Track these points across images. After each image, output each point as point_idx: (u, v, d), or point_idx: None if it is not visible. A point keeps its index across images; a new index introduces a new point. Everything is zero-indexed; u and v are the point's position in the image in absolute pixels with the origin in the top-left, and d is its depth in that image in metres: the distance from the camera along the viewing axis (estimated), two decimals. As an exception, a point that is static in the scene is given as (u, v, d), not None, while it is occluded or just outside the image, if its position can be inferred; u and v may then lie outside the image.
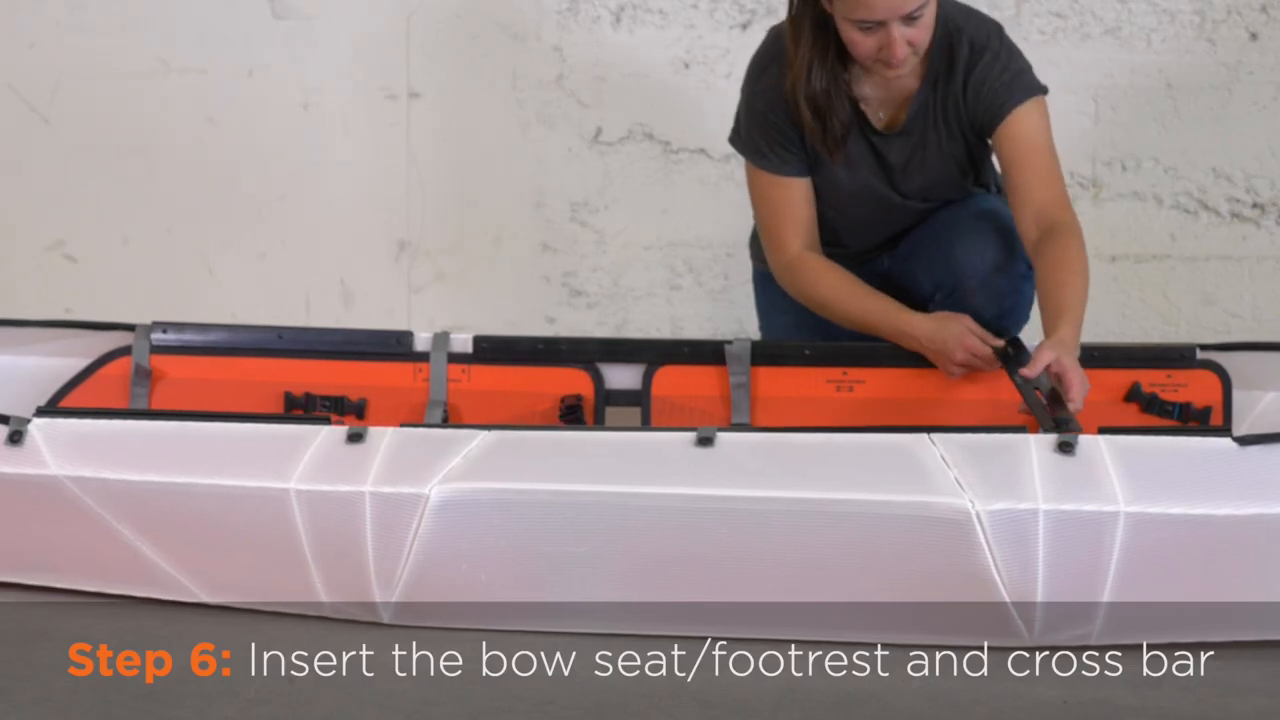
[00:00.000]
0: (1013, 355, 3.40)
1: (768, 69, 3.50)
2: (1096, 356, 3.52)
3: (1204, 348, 3.54)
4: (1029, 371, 3.17)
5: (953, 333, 3.42)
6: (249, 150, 4.71)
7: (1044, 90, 3.47)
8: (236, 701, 2.75)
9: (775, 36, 3.53)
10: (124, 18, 4.69)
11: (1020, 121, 3.42)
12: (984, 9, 4.45)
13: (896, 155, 3.50)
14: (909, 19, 3.29)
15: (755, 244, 3.77)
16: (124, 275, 4.75)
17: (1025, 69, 3.46)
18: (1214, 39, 4.50)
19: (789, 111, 3.48)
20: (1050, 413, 3.13)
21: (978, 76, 3.42)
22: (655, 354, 3.63)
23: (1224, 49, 4.50)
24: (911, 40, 3.32)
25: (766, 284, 3.75)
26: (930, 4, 3.31)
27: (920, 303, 3.60)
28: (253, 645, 2.98)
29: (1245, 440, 2.90)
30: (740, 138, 3.58)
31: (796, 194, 3.53)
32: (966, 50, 3.42)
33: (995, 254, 3.52)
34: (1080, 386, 3.14)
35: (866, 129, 3.50)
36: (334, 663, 2.91)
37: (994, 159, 3.57)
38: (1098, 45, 4.52)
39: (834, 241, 3.61)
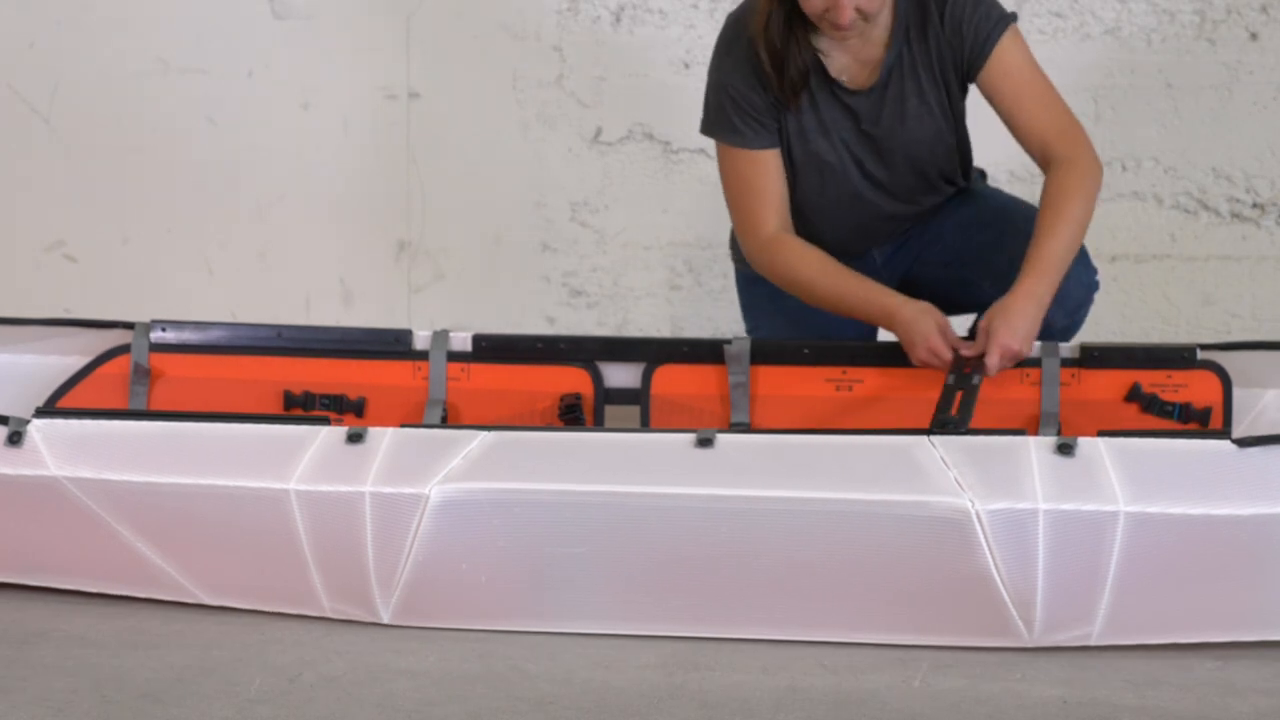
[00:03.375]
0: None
1: (733, 46, 3.47)
2: (1096, 356, 3.52)
3: (1204, 347, 3.54)
4: (969, 352, 3.22)
5: (922, 330, 3.36)
6: (249, 150, 4.72)
7: (1013, 16, 3.43)
8: (236, 701, 2.75)
9: (735, 19, 3.50)
10: (124, 18, 4.69)
11: (1004, 57, 3.38)
12: (984, 8, 4.46)
13: (873, 114, 3.46)
14: None
15: (736, 244, 3.75)
16: (124, 275, 4.75)
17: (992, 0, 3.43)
18: (1214, 39, 4.50)
19: (761, 81, 3.45)
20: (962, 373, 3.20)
21: (954, 16, 3.38)
22: (655, 353, 3.63)
23: (1224, 49, 4.50)
24: (860, 5, 3.28)
25: (751, 285, 3.73)
26: None
27: (973, 306, 3.60)
28: (253, 645, 2.98)
29: (1244, 442, 2.90)
30: (710, 121, 3.53)
31: (770, 168, 3.48)
32: None
33: (1073, 266, 3.46)
34: (998, 354, 3.20)
35: (839, 90, 3.46)
36: (334, 663, 2.91)
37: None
38: (1098, 45, 4.52)
39: (820, 236, 3.60)
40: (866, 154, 3.50)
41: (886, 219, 3.59)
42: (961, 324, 3.71)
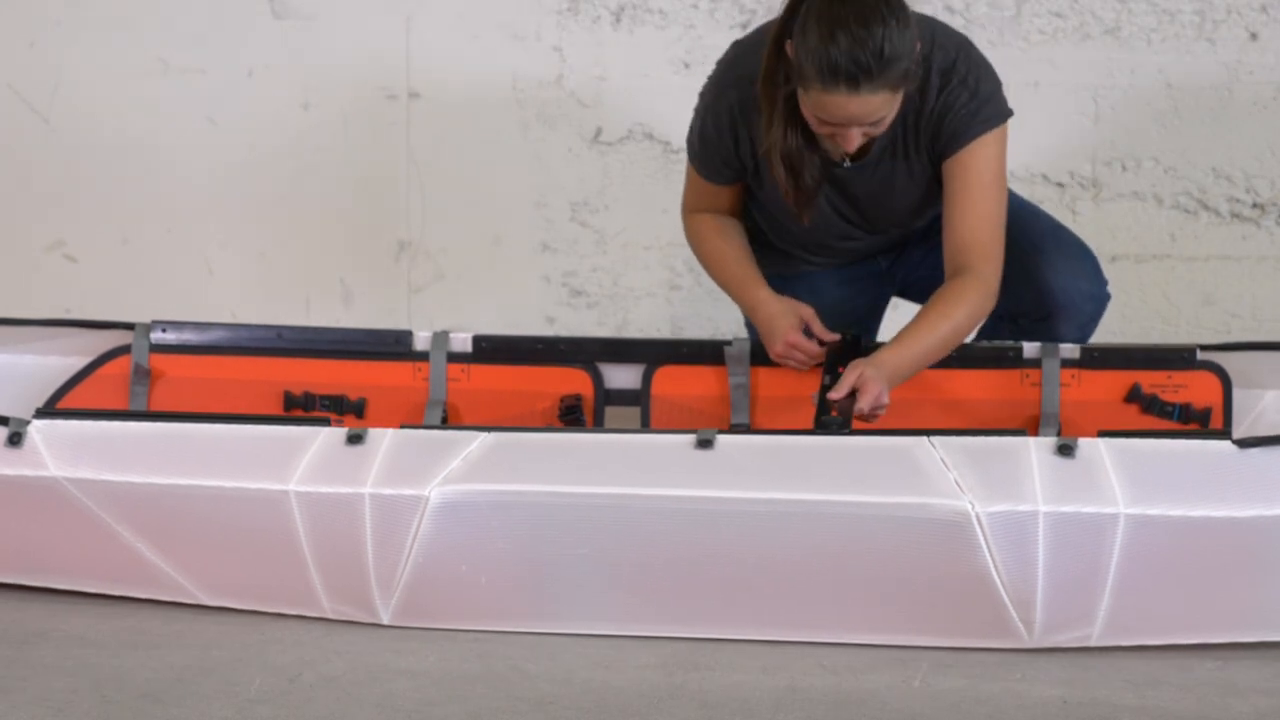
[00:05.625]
0: (849, 348, 3.41)
1: (726, 92, 3.42)
2: (1096, 357, 3.52)
3: (1204, 348, 3.54)
4: (835, 394, 3.20)
5: (780, 326, 3.42)
6: (249, 150, 4.72)
7: (1008, 114, 3.39)
8: (236, 701, 2.75)
9: (738, 55, 3.45)
10: (124, 18, 4.69)
11: (974, 155, 3.35)
12: (984, 9, 4.47)
13: (860, 187, 3.44)
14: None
15: None
16: (124, 275, 4.75)
17: (993, 93, 3.37)
18: (1214, 39, 4.50)
19: (735, 135, 3.42)
20: (833, 409, 3.20)
21: (944, 102, 3.33)
22: (655, 354, 3.64)
23: (1224, 49, 4.50)
24: (868, 134, 3.25)
25: None
26: (893, 108, 3.23)
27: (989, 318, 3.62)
28: (253, 645, 2.99)
29: (1244, 443, 2.90)
30: (689, 138, 3.51)
31: (722, 194, 3.52)
32: (937, 80, 3.33)
33: (1088, 283, 3.52)
34: (870, 398, 3.19)
35: (829, 164, 3.43)
36: (334, 663, 2.91)
37: None
38: (1098, 45, 4.52)
39: (807, 254, 3.60)
40: (847, 209, 3.49)
41: (866, 251, 3.60)
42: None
